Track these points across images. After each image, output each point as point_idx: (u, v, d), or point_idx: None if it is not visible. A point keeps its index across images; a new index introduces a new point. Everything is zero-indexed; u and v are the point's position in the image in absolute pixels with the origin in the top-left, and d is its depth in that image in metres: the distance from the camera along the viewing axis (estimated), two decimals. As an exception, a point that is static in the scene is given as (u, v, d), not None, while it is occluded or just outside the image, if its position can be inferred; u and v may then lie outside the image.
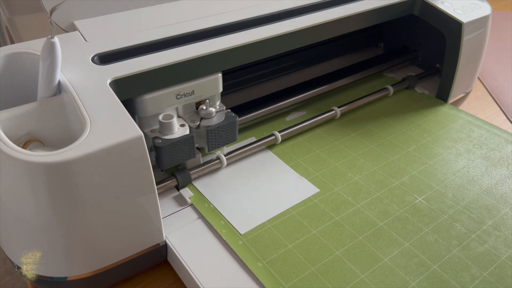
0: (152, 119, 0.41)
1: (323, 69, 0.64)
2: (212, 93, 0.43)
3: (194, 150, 0.41)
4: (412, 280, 0.35)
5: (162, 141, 0.39)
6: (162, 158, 0.39)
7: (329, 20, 0.47)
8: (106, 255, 0.35)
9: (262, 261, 0.36)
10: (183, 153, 0.40)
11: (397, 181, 0.45)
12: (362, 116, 0.55)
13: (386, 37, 0.69)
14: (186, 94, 0.41)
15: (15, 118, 0.33)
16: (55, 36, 0.32)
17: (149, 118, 0.40)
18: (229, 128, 0.43)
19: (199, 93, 0.42)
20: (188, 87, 0.41)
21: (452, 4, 0.54)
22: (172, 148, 0.39)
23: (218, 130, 0.42)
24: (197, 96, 0.42)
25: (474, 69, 0.58)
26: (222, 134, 0.42)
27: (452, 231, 0.40)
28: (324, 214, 0.41)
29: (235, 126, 0.43)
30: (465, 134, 0.52)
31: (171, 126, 0.40)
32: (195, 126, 0.42)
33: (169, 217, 0.40)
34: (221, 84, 0.43)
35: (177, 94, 0.40)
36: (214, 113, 0.42)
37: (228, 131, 0.43)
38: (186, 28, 0.43)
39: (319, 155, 0.48)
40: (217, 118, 0.42)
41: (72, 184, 0.30)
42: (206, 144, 0.43)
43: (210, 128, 0.41)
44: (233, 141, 0.44)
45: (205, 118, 0.42)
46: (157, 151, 0.39)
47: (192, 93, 0.41)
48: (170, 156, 0.40)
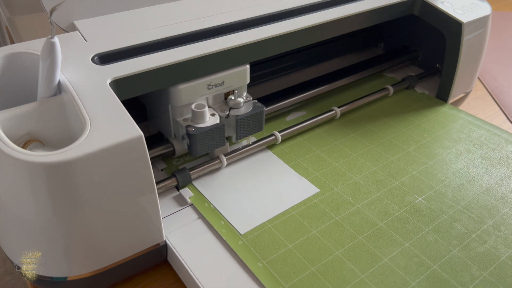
0: (185, 108, 0.43)
1: (323, 69, 0.64)
2: (240, 84, 0.45)
3: (224, 138, 0.43)
4: (412, 280, 0.35)
5: (195, 129, 0.41)
6: (195, 146, 0.42)
7: (329, 20, 0.47)
8: (106, 255, 0.35)
9: (262, 261, 0.36)
10: (214, 140, 0.42)
11: (397, 181, 0.45)
12: (362, 116, 0.55)
13: (386, 37, 0.69)
14: (217, 84, 0.43)
15: (15, 118, 0.33)
16: (55, 36, 0.32)
17: (182, 107, 0.42)
18: (257, 118, 0.45)
19: (228, 83, 0.44)
20: (219, 78, 0.42)
21: (452, 4, 0.54)
22: (204, 136, 0.41)
23: (247, 119, 0.44)
24: (226, 87, 0.44)
25: (474, 69, 0.58)
26: (250, 123, 0.45)
27: (452, 231, 0.40)
28: (324, 214, 0.41)
29: (262, 115, 0.45)
30: (465, 134, 0.52)
31: (203, 115, 0.42)
32: (225, 116, 0.44)
33: (169, 217, 0.40)
34: (249, 75, 0.45)
35: (209, 84, 0.42)
36: (242, 103, 0.44)
37: (256, 120, 0.45)
38: (186, 28, 0.43)
39: (319, 155, 0.48)
40: (245, 108, 0.44)
41: (72, 184, 0.30)
42: (234, 133, 0.45)
43: (240, 117, 0.43)
44: (260, 131, 0.46)
45: (233, 108, 0.44)
46: (191, 139, 0.41)
47: (222, 83, 0.43)
48: (203, 143, 0.42)
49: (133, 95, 0.38)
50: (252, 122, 0.45)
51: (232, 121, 0.44)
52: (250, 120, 0.44)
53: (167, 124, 0.45)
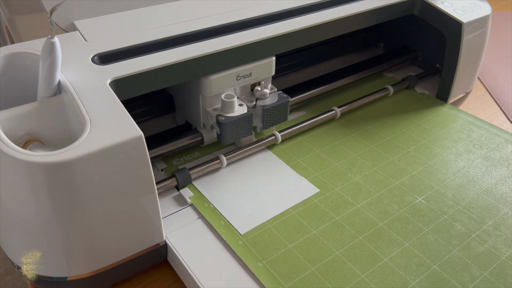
0: (215, 98, 0.44)
1: (323, 69, 0.64)
2: (266, 75, 0.46)
3: (252, 128, 0.45)
4: (412, 280, 0.35)
5: (226, 118, 0.43)
6: (224, 134, 0.43)
7: (329, 20, 0.47)
8: (106, 255, 0.35)
9: (262, 261, 0.36)
10: (242, 130, 0.44)
11: (397, 181, 0.45)
12: (362, 116, 0.55)
13: (386, 37, 0.69)
14: (245, 75, 0.44)
15: (15, 118, 0.33)
16: (55, 36, 0.32)
17: (212, 98, 0.44)
18: (282, 108, 0.46)
19: (256, 75, 0.45)
20: (247, 69, 0.44)
21: (452, 4, 0.54)
22: (234, 125, 0.43)
23: (273, 109, 0.46)
24: (253, 78, 0.45)
25: (474, 69, 0.58)
26: (276, 113, 0.46)
27: (452, 231, 0.40)
28: (324, 214, 0.41)
29: (287, 106, 0.47)
30: (465, 134, 0.52)
31: (232, 105, 0.44)
32: (252, 106, 0.46)
33: (169, 217, 0.40)
34: (274, 67, 0.46)
35: (237, 75, 0.44)
36: (268, 94, 0.46)
37: (281, 110, 0.46)
38: (185, 28, 0.43)
39: (319, 155, 0.48)
40: (271, 99, 0.46)
41: (72, 184, 0.30)
42: (260, 123, 0.46)
43: (267, 107, 0.45)
44: (284, 121, 0.48)
45: (260, 98, 0.46)
46: (221, 128, 0.43)
47: (250, 75, 0.45)
48: (232, 132, 0.44)
49: (133, 95, 0.38)
50: (277, 112, 0.46)
51: (259, 111, 0.46)
52: (276, 110, 0.46)
53: (196, 114, 0.46)
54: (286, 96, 0.47)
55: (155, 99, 0.51)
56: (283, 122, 0.48)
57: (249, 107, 0.45)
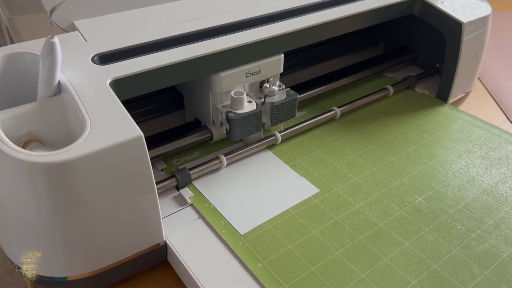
0: (224, 95, 0.45)
1: (323, 69, 0.64)
2: (274, 72, 0.47)
3: (261, 124, 0.46)
4: (413, 279, 0.35)
5: (235, 114, 0.44)
6: (234, 131, 0.44)
7: (329, 20, 0.48)
8: (106, 255, 0.35)
9: (262, 261, 0.36)
10: (251, 126, 0.45)
11: (397, 181, 0.45)
12: (362, 116, 0.55)
13: (386, 37, 0.69)
14: (254, 72, 0.45)
15: (15, 118, 0.33)
16: (55, 36, 0.32)
17: (221, 94, 0.45)
18: (291, 105, 0.47)
19: (264, 72, 0.46)
20: (256, 66, 0.45)
21: (452, 4, 0.54)
22: (243, 121, 0.44)
23: (282, 106, 0.46)
24: (262, 75, 0.46)
25: (474, 69, 0.58)
26: (284, 110, 0.46)
27: (452, 230, 0.40)
28: (324, 214, 0.41)
29: (295, 103, 0.47)
30: (465, 134, 0.52)
31: (242, 101, 0.44)
32: (260, 103, 0.46)
33: (169, 217, 0.40)
34: (282, 64, 0.47)
35: (247, 72, 0.44)
36: (276, 91, 0.46)
37: (289, 107, 0.47)
38: (186, 28, 0.43)
39: (319, 155, 0.48)
40: (280, 96, 0.46)
41: (72, 184, 0.30)
42: (269, 119, 0.47)
43: (275, 104, 0.45)
44: (292, 118, 0.48)
45: (268, 95, 0.46)
46: (230, 124, 0.44)
47: (259, 72, 0.45)
48: (241, 128, 0.44)
49: (133, 95, 0.38)
50: (286, 109, 0.46)
51: (268, 107, 0.46)
52: (285, 107, 0.46)
53: (206, 110, 0.47)
54: (294, 93, 0.47)
55: (165, 97, 0.52)
56: (291, 118, 0.48)
57: (258, 104, 0.46)
